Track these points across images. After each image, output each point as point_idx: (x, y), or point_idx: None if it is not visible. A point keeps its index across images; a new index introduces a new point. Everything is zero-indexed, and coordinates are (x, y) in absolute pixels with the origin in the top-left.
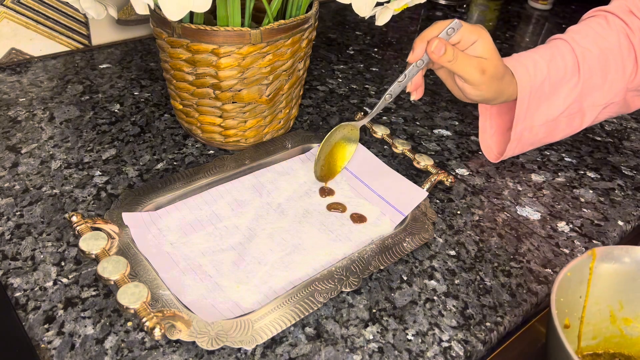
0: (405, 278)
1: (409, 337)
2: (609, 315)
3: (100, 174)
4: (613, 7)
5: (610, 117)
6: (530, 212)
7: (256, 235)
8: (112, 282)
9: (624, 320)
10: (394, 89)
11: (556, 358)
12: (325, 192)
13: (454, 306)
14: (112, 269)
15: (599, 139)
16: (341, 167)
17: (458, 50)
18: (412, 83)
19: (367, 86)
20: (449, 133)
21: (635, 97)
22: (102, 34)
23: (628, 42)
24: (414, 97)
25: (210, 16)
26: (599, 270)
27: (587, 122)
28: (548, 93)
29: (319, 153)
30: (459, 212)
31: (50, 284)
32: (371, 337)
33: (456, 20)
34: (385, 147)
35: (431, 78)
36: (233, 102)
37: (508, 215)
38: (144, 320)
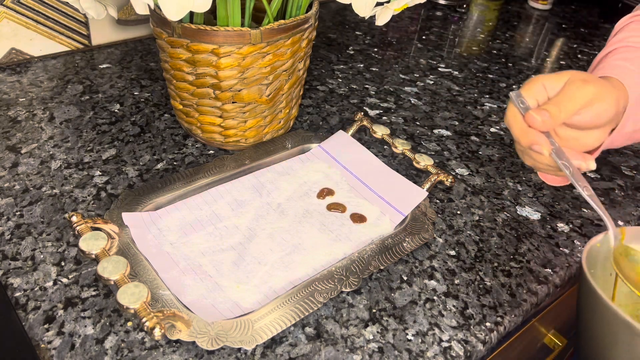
0: (405, 278)
1: (409, 337)
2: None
3: (100, 174)
4: None
5: None
6: (530, 212)
7: (256, 235)
8: (112, 282)
9: None
10: (580, 181)
11: (589, 307)
12: (323, 194)
13: (454, 306)
14: (112, 269)
15: None
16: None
17: (554, 99)
18: (572, 159)
19: (367, 86)
20: (449, 133)
21: None
22: (102, 34)
23: None
24: (592, 166)
25: (210, 16)
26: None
27: None
28: None
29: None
30: (459, 212)
31: (50, 284)
32: (371, 337)
33: (510, 93)
34: (385, 147)
35: (431, 78)
36: (233, 102)
37: (508, 215)
38: (144, 320)
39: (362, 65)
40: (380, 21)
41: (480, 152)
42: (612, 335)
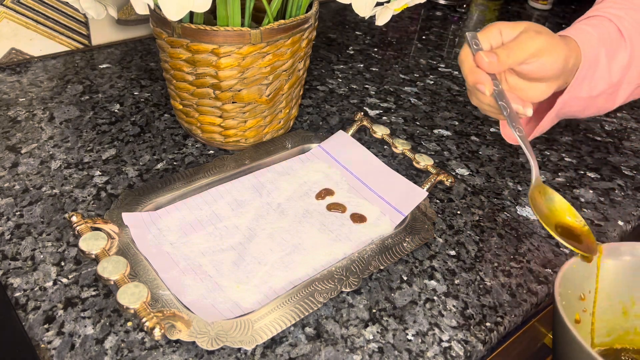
0: (405, 278)
1: (409, 337)
2: (621, 312)
3: (100, 174)
4: None
5: (636, 98)
6: (530, 212)
7: (256, 235)
8: (112, 282)
9: (637, 317)
10: (513, 119)
11: (566, 351)
12: (321, 195)
13: (454, 306)
14: (112, 269)
15: (599, 139)
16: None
17: (505, 45)
18: (509, 102)
19: (367, 86)
20: (449, 133)
21: None
22: (102, 34)
23: None
24: (528, 112)
25: (210, 16)
26: (606, 265)
27: (619, 101)
28: (604, 62)
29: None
30: (459, 212)
31: (50, 284)
32: (371, 337)
33: (466, 33)
34: (385, 147)
35: (431, 78)
36: (233, 102)
37: (508, 215)
38: (144, 320)
39: (362, 65)
40: (380, 21)
41: (480, 152)
42: None
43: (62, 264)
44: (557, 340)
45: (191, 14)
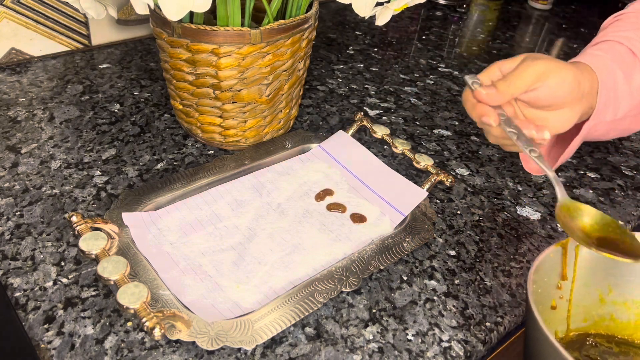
0: (405, 278)
1: (409, 337)
2: (598, 299)
3: (100, 174)
4: (633, 9)
5: None
6: (530, 212)
7: (256, 235)
8: (112, 282)
9: (613, 304)
10: (527, 145)
11: (533, 339)
12: (320, 196)
13: (454, 306)
14: (112, 269)
15: None
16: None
17: (505, 77)
18: (523, 129)
19: (367, 86)
20: (449, 133)
21: None
22: (102, 34)
23: None
24: (546, 135)
25: (210, 16)
26: (584, 253)
27: None
28: (623, 82)
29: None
30: (459, 212)
31: (50, 284)
32: (371, 337)
33: (466, 76)
34: (385, 147)
35: (431, 78)
36: (233, 102)
37: (508, 215)
38: (144, 320)
39: (362, 65)
40: (380, 21)
41: (480, 152)
42: None
43: (62, 264)
44: (526, 327)
45: (191, 14)
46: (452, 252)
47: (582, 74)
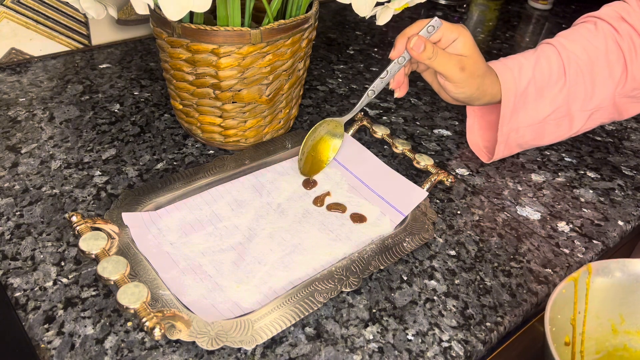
0: (405, 278)
1: (409, 337)
2: (610, 329)
3: (100, 174)
4: (603, 13)
5: (602, 123)
6: (530, 212)
7: (256, 235)
8: (112, 282)
9: (626, 333)
10: (376, 85)
11: None
12: (309, 184)
13: (454, 306)
14: (112, 269)
15: (599, 139)
16: (326, 162)
17: (438, 48)
18: (394, 80)
19: (367, 86)
20: (449, 133)
21: (628, 104)
22: (102, 34)
23: (617, 47)
24: (398, 94)
25: (210, 16)
26: (595, 284)
27: (577, 126)
28: (534, 95)
29: (303, 147)
30: (459, 212)
31: (50, 284)
32: (371, 337)
33: (436, 18)
34: (385, 147)
35: None
36: (233, 102)
37: (508, 215)
38: (144, 320)
39: (362, 65)
40: (381, 21)
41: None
42: None
43: (62, 264)
44: None
45: (191, 14)
46: (452, 252)
47: (486, 76)
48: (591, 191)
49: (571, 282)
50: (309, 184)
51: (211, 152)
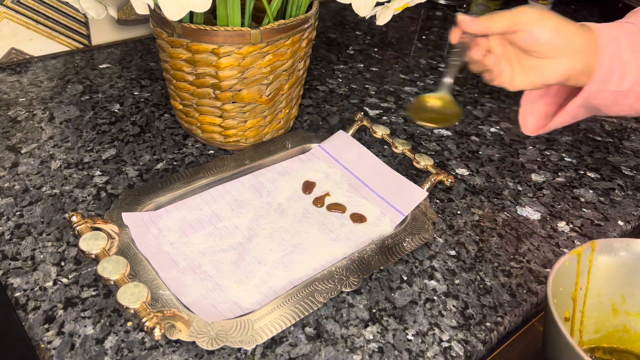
0: (405, 278)
1: (409, 337)
2: (611, 309)
3: (100, 174)
4: None
5: None
6: (530, 212)
7: (256, 235)
8: (112, 282)
9: (627, 314)
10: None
11: (555, 348)
12: (319, 201)
13: (454, 306)
14: (112, 269)
15: (599, 139)
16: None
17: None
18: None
19: (367, 86)
20: (449, 133)
21: None
22: (102, 34)
23: None
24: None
25: (210, 16)
26: (598, 262)
27: None
28: (629, 52)
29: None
30: (459, 212)
31: (50, 284)
32: (371, 337)
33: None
34: (385, 147)
35: (431, 78)
36: (233, 102)
37: (508, 215)
38: (144, 320)
39: (362, 65)
40: (381, 21)
41: (480, 152)
42: None
43: (62, 264)
44: (547, 337)
45: (191, 14)
46: (452, 252)
47: (573, 27)
48: (591, 191)
49: (574, 255)
50: (308, 188)
51: (211, 152)
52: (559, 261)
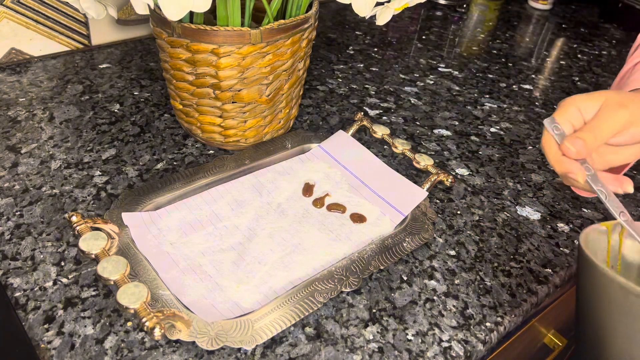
0: (405, 278)
1: (409, 337)
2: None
3: (100, 174)
4: None
5: None
6: (530, 212)
7: (256, 235)
8: (112, 282)
9: None
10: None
11: (588, 279)
12: (319, 202)
13: (454, 306)
14: (112, 269)
15: None
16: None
17: (589, 125)
18: (605, 185)
19: (367, 86)
20: (449, 133)
21: None
22: (102, 34)
23: None
24: (629, 189)
25: (210, 16)
26: (627, 242)
27: None
28: None
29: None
30: (459, 212)
31: (50, 284)
32: (371, 337)
33: (546, 120)
34: (385, 147)
35: (431, 78)
36: (233, 102)
37: (508, 215)
38: (144, 320)
39: (362, 65)
40: (381, 21)
41: (480, 152)
42: (608, 300)
43: (62, 264)
44: (583, 284)
45: (191, 13)
46: (452, 252)
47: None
48: None
49: (604, 227)
50: (307, 190)
51: (211, 152)
52: (591, 227)
